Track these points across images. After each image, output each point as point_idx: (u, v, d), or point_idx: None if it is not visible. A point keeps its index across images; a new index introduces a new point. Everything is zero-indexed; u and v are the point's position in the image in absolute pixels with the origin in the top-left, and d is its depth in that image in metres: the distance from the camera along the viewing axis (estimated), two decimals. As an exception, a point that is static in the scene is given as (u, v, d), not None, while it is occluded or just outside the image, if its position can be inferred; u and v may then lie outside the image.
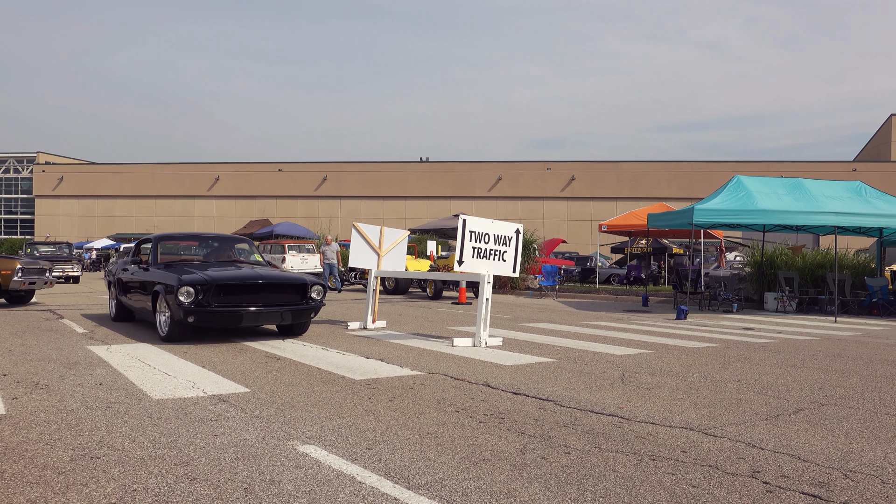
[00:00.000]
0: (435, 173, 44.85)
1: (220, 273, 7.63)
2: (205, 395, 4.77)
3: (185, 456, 3.38)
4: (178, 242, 10.06)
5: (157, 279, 7.79)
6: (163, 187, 47.90)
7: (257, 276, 7.72)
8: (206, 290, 7.22)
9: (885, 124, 46.91)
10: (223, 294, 7.35)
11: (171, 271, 7.72)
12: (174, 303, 7.12)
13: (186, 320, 7.16)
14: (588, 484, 3.08)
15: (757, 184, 14.39)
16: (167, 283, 7.39)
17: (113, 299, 9.75)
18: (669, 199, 33.76)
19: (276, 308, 7.53)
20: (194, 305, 7.13)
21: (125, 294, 9.14)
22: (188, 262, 8.59)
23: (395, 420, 4.17)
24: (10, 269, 11.93)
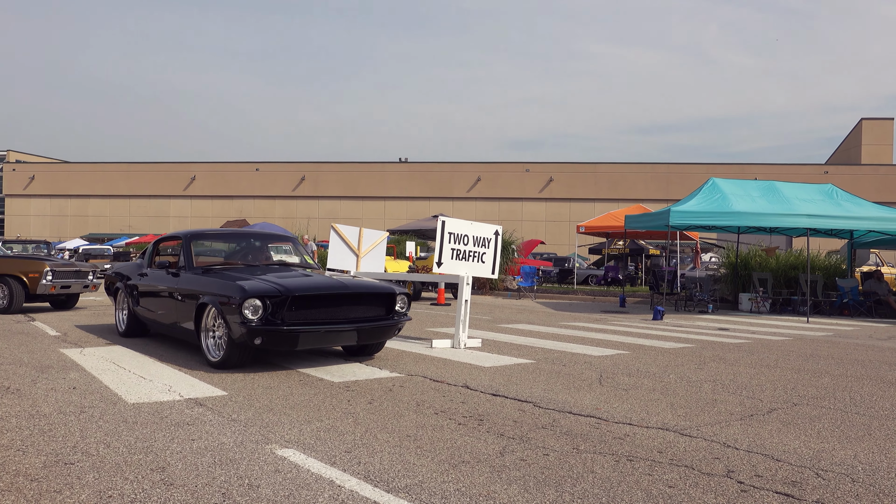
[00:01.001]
0: (414, 174, 44.81)
1: (293, 281, 6.03)
2: (181, 399, 4.72)
3: (162, 461, 3.34)
4: (213, 242, 8.38)
5: (203, 288, 6.18)
6: (137, 187, 47.23)
7: (341, 284, 6.15)
8: (279, 303, 5.66)
9: (856, 128, 47.89)
10: (298, 308, 5.80)
11: (222, 278, 6.17)
12: (236, 320, 5.58)
13: (252, 342, 5.59)
14: (566, 485, 3.11)
15: (732, 186, 14.61)
16: (224, 295, 5.78)
17: (122, 310, 8.11)
18: (646, 201, 34.11)
19: (360, 325, 5.97)
20: (262, 323, 5.56)
21: (143, 305, 7.55)
22: (231, 266, 7.06)
23: (375, 423, 4.17)
24: (38, 271, 10.79)
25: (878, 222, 13.79)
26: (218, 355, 5.97)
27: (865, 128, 46.32)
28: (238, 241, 8.26)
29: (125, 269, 8.41)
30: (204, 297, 6.08)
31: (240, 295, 5.63)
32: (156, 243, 8.14)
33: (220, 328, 5.97)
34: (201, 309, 6.12)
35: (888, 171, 40.97)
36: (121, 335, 7.97)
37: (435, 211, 38.72)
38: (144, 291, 7.56)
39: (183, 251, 7.05)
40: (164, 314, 7.01)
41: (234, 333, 5.68)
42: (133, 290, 7.80)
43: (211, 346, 6.09)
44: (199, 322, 6.15)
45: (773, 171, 38.44)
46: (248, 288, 5.70)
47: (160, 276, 7.22)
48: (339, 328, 5.85)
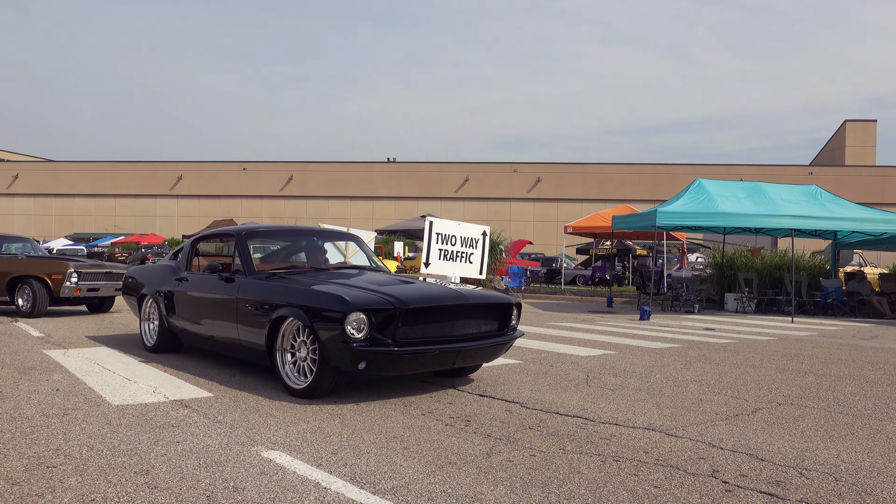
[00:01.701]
0: (402, 174, 44.77)
1: (400, 289, 4.94)
2: (166, 401, 4.68)
3: (146, 464, 3.31)
4: (270, 240, 7.08)
5: (280, 298, 5.06)
6: (123, 186, 46.84)
7: (459, 294, 5.04)
8: (389, 317, 4.58)
9: (840, 130, 48.40)
10: (410, 323, 4.70)
11: (302, 285, 5.11)
12: (334, 338, 4.50)
13: (354, 366, 4.50)
14: (553, 486, 3.12)
15: (718, 187, 14.72)
16: (316, 307, 4.69)
17: (150, 321, 7.01)
18: (633, 201, 34.29)
19: (475, 342, 4.95)
20: (369, 343, 4.50)
21: (181, 316, 6.42)
22: (297, 269, 5.95)
23: (361, 424, 4.16)
24: (61, 272, 10.09)
25: (861, 223, 13.95)
26: (301, 382, 4.85)
27: (849, 129, 46.82)
28: (298, 240, 7.04)
29: (151, 274, 7.23)
30: (282, 308, 4.95)
31: (341, 307, 4.50)
32: (194, 243, 6.91)
33: (303, 348, 4.89)
34: (277, 324, 4.99)
35: (871, 172, 41.45)
36: (148, 350, 6.82)
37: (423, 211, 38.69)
38: (184, 300, 6.37)
39: (238, 252, 5.88)
40: (214, 328, 5.86)
41: (329, 355, 4.58)
42: (168, 298, 6.60)
43: (291, 370, 4.97)
44: (274, 340, 5.04)
45: (758, 171, 38.76)
46: (352, 299, 4.55)
47: (208, 282, 6.01)
48: (455, 347, 4.79)
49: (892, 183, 40.94)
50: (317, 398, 4.78)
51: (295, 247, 6.90)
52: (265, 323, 5.10)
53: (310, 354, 4.84)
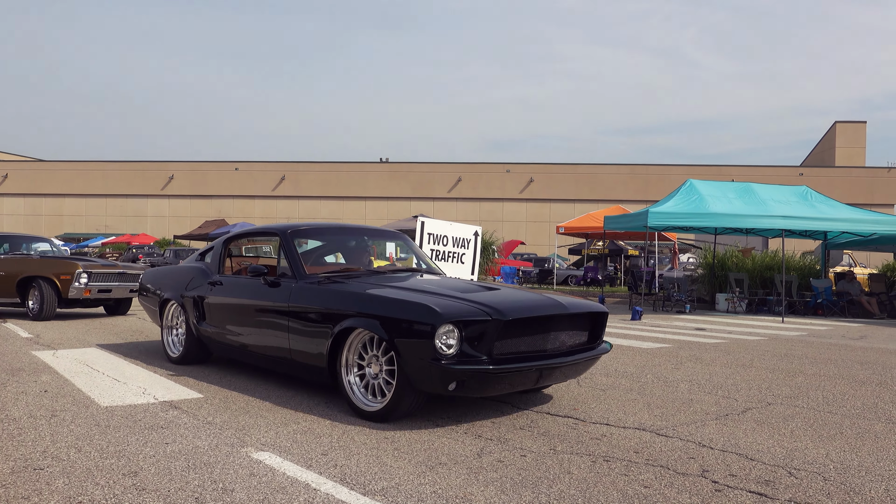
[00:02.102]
0: (395, 174, 44.74)
1: (493, 297, 4.32)
2: (156, 402, 4.66)
3: (134, 465, 3.29)
4: (318, 239, 6.14)
5: (346, 306, 4.44)
6: (114, 186, 46.59)
7: (556, 302, 4.46)
8: (484, 330, 3.99)
9: (830, 131, 48.71)
10: (508, 337, 4.12)
11: (379, 292, 4.52)
12: (420, 354, 3.91)
13: (444, 387, 3.92)
14: (543, 486, 3.12)
15: (709, 188, 14.78)
16: (397, 317, 4.07)
17: (175, 329, 6.36)
18: (625, 202, 34.40)
19: (571, 358, 4.38)
20: (461, 361, 3.91)
21: (214, 325, 5.75)
22: (352, 272, 5.25)
23: (352, 424, 4.14)
24: (69, 273, 9.57)
25: (850, 223, 14.04)
26: (374, 403, 4.25)
27: (839, 131, 47.13)
28: (347, 239, 6.33)
29: (176, 276, 6.49)
30: (348, 319, 4.34)
31: (430, 318, 3.90)
32: (226, 242, 6.20)
33: (374, 364, 4.29)
34: (342, 336, 4.39)
35: (861, 173, 41.76)
36: (173, 362, 6.19)
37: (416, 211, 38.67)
38: (219, 307, 5.71)
39: (285, 253, 5.23)
40: (257, 339, 5.22)
41: (413, 374, 3.98)
42: (197, 304, 5.92)
43: (360, 390, 4.36)
44: (337, 354, 4.44)
45: (749, 172, 38.97)
46: (443, 309, 3.95)
47: (249, 287, 5.40)
48: (552, 364, 4.21)
49: (881, 184, 41.27)
50: (392, 422, 4.18)
51: (328, 247, 6.19)
52: (326, 335, 4.46)
53: (383, 372, 4.23)
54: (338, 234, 6.39)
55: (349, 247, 6.16)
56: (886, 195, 40.92)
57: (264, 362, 5.32)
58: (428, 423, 4.22)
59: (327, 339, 4.47)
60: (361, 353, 4.40)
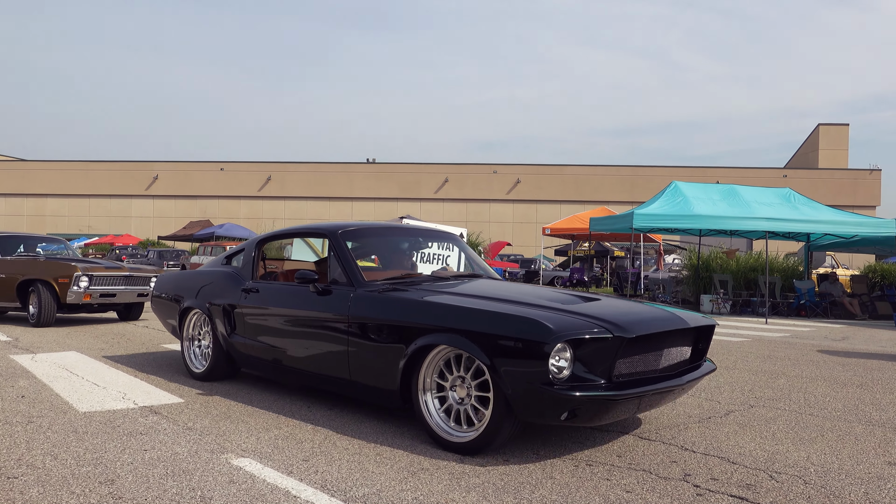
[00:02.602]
0: (381, 175, 44.67)
1: (606, 310, 3.78)
2: (136, 407, 4.60)
3: (111, 473, 3.24)
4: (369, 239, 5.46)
5: (426, 320, 3.85)
6: (97, 186, 46.14)
7: (676, 316, 3.98)
8: (604, 349, 3.47)
9: (813, 133, 49.23)
10: (628, 356, 3.61)
11: (469, 303, 3.90)
12: (526, 378, 3.36)
13: (557, 416, 3.39)
14: (525, 491, 3.10)
15: (693, 190, 14.87)
16: (500, 335, 3.48)
17: (197, 342, 5.74)
18: (611, 203, 34.56)
19: (686, 379, 3.87)
20: (575, 385, 3.38)
21: (249, 338, 5.07)
22: (413, 278, 4.69)
23: (335, 429, 4.11)
24: (68, 276, 8.88)
25: (833, 226, 14.18)
26: (463, 433, 3.67)
27: (822, 133, 47.65)
28: (400, 240, 5.66)
29: (199, 282, 5.78)
30: (428, 334, 3.76)
31: (542, 335, 3.34)
32: (259, 244, 5.53)
33: (459, 386, 3.74)
34: (420, 354, 3.82)
35: (843, 175, 42.24)
36: (196, 377, 5.57)
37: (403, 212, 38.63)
38: (256, 318, 5.04)
39: (337, 256, 4.61)
40: (306, 356, 4.60)
41: (517, 400, 3.41)
42: (228, 314, 5.28)
43: (440, 416, 3.79)
44: (413, 375, 3.86)
45: (734, 174, 39.29)
46: (556, 325, 3.39)
47: (294, 296, 4.76)
48: (669, 386, 3.70)
49: (863, 186, 41.77)
50: (489, 452, 3.63)
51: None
52: (399, 353, 3.88)
53: (472, 397, 3.67)
54: (391, 234, 5.64)
55: (404, 248, 5.53)
56: (868, 197, 41.45)
57: (314, 381, 4.66)
58: (411, 427, 4.20)
59: (400, 357, 3.86)
60: (442, 374, 3.81)
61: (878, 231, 14.26)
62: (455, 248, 5.74)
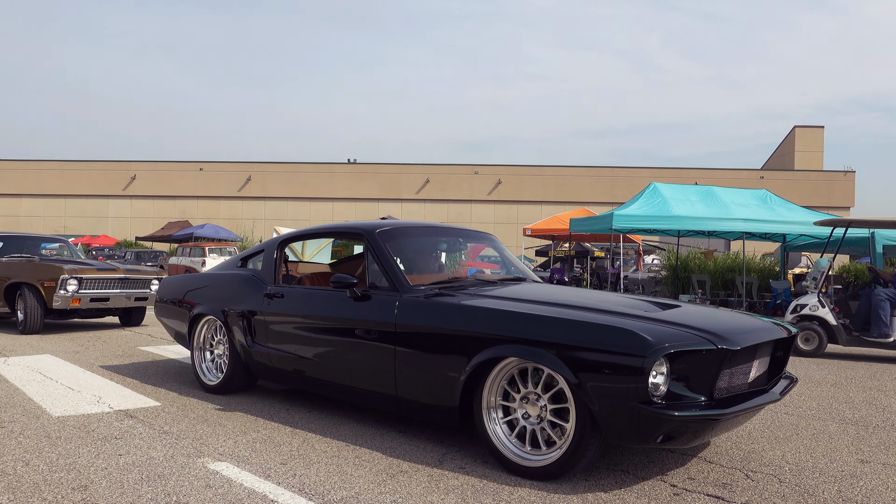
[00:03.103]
0: (363, 175, 44.52)
1: (698, 319, 3.43)
2: (111, 411, 4.53)
3: (85, 479, 3.19)
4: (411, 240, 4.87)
5: (491, 329, 3.44)
6: (73, 186, 45.44)
7: (772, 326, 3.76)
8: (710, 362, 3.11)
9: (790, 135, 49.96)
10: (728, 369, 3.27)
11: (537, 309, 3.47)
12: (619, 395, 3.01)
13: (653, 439, 3.01)
14: (504, 493, 3.11)
15: (672, 191, 15.02)
16: (587, 347, 3.11)
17: (211, 351, 5.35)
18: (591, 204, 34.79)
19: (778, 392, 3.58)
20: (674, 404, 3.02)
21: (274, 348, 4.66)
22: (459, 281, 4.30)
23: (314, 431, 4.09)
24: (54, 279, 8.27)
25: (808, 227, 14.38)
26: (537, 456, 3.31)
27: (798, 135, 48.37)
28: (439, 240, 5.25)
29: (213, 285, 5.34)
30: (496, 346, 3.38)
31: (640, 348, 2.97)
32: (281, 245, 5.07)
33: (531, 404, 3.37)
34: (484, 369, 3.46)
35: (818, 176, 42.91)
36: (210, 390, 5.16)
37: (384, 212, 38.58)
38: (282, 325, 4.61)
39: (376, 258, 4.22)
40: (342, 368, 4.19)
41: (606, 422, 3.06)
42: (247, 320, 4.87)
43: (508, 438, 3.43)
44: (477, 392, 3.50)
45: (712, 175, 39.74)
46: (654, 336, 3.03)
47: (328, 301, 4.34)
48: (764, 402, 3.35)
49: (838, 187, 42.48)
50: (569, 477, 3.31)
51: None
52: (459, 366, 3.51)
53: (548, 413, 3.31)
54: (431, 234, 5.14)
55: (434, 250, 5.12)
56: (843, 198, 42.16)
57: (350, 396, 4.22)
58: (391, 430, 4.19)
59: (461, 371, 3.50)
60: (506, 389, 3.46)
61: (852, 232, 14.50)
62: (491, 249, 5.36)
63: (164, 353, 7.21)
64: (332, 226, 5.12)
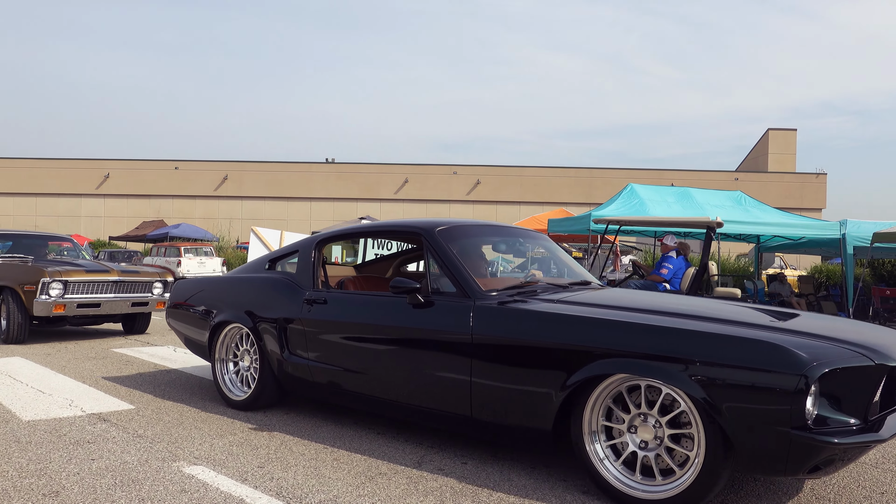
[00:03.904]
0: (341, 175, 44.33)
1: (837, 330, 3.13)
2: (83, 415, 4.45)
3: (56, 485, 3.13)
4: (471, 240, 4.24)
5: (595, 341, 3.05)
6: (44, 185, 44.60)
7: None
8: (865, 380, 2.79)
9: (763, 138, 50.78)
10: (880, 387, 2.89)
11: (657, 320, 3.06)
12: (771, 420, 2.63)
13: (801, 470, 2.66)
14: (483, 495, 3.11)
15: (649, 192, 15.19)
16: (734, 367, 2.71)
17: (234, 363, 4.86)
18: (569, 205, 35.04)
19: None
20: (821, 427, 2.67)
21: (321, 360, 4.16)
22: (531, 286, 3.87)
23: (292, 434, 4.05)
24: (33, 282, 7.40)
25: (781, 227, 14.64)
26: (653, 487, 2.93)
27: (772, 138, 49.18)
28: (499, 240, 4.92)
29: (238, 289, 4.82)
30: (604, 360, 2.98)
31: (796, 366, 2.60)
32: (319, 245, 4.59)
33: (645, 427, 2.98)
34: (585, 388, 3.08)
35: (791, 178, 43.66)
36: (235, 406, 4.67)
37: (363, 212, 38.44)
38: (328, 334, 4.12)
39: (439, 259, 3.78)
40: (400, 384, 3.75)
41: (750, 451, 2.69)
42: (283, 329, 4.38)
43: (614, 465, 3.07)
44: (576, 414, 3.11)
45: (688, 176, 40.25)
46: (808, 352, 2.66)
47: (383, 308, 3.89)
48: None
49: (810, 189, 43.27)
50: None
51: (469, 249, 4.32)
52: (555, 383, 3.11)
53: (665, 438, 2.92)
54: (493, 234, 4.71)
55: (502, 252, 4.71)
56: (814, 200, 42.95)
57: (417, 417, 3.76)
58: (369, 431, 4.17)
59: (556, 389, 3.10)
60: (612, 408, 3.07)
61: (824, 233, 14.76)
62: (546, 251, 4.93)
63: (138, 354, 7.10)
64: (378, 224, 4.70)
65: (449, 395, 3.52)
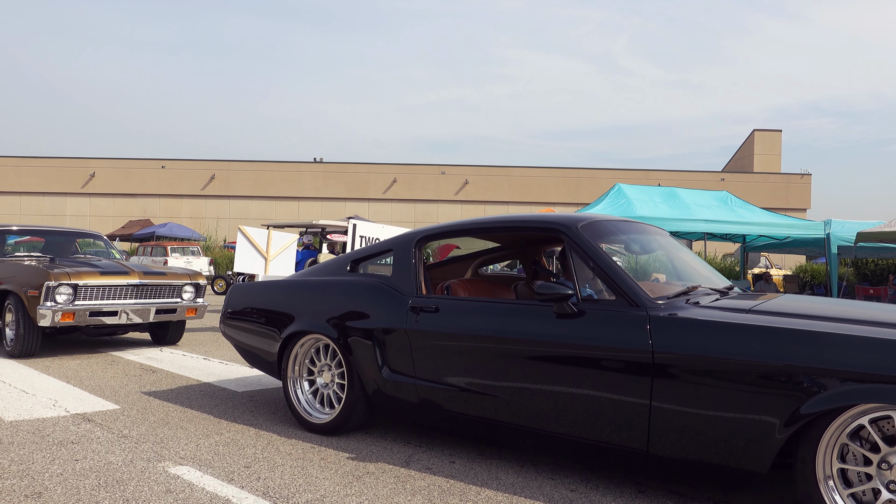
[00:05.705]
0: (329, 174, 44.21)
1: None
2: (67, 415, 4.40)
3: (39, 486, 3.09)
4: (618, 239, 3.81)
5: (840, 362, 2.46)
6: (29, 183, 44.14)
7: None
8: None
9: (749, 139, 51.19)
10: None
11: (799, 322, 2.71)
12: None
13: None
14: (471, 493, 3.11)
15: (636, 192, 15.27)
16: None
17: (303, 380, 4.24)
18: (557, 205, 35.15)
19: None
20: None
21: (430, 377, 3.60)
22: (693, 292, 3.33)
23: (279, 433, 4.03)
24: (37, 286, 6.31)
25: (767, 227, 14.77)
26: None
27: (757, 138, 49.59)
28: (645, 239, 4.00)
29: (318, 296, 4.15)
30: (845, 385, 2.45)
31: None
32: (419, 244, 3.98)
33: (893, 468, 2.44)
34: (823, 419, 2.53)
35: (776, 179, 44.05)
36: (317, 430, 4.06)
37: (351, 212, 38.35)
38: (444, 348, 3.53)
39: (590, 261, 3.25)
40: (547, 409, 3.19)
41: None
42: (380, 342, 3.79)
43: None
44: (805, 452, 2.56)
45: (674, 177, 40.50)
46: None
47: (522, 318, 3.30)
48: None
49: (794, 189, 43.68)
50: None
51: (651, 244, 4.00)
52: (776, 414, 2.56)
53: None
54: (638, 232, 3.98)
55: (642, 245, 4.04)
56: (799, 200, 43.36)
57: (570, 450, 3.19)
58: (357, 430, 4.15)
59: (782, 421, 2.55)
60: (849, 445, 2.51)
61: (809, 233, 14.92)
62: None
63: (123, 354, 7.03)
64: (496, 219, 3.94)
65: (618, 423, 2.97)
